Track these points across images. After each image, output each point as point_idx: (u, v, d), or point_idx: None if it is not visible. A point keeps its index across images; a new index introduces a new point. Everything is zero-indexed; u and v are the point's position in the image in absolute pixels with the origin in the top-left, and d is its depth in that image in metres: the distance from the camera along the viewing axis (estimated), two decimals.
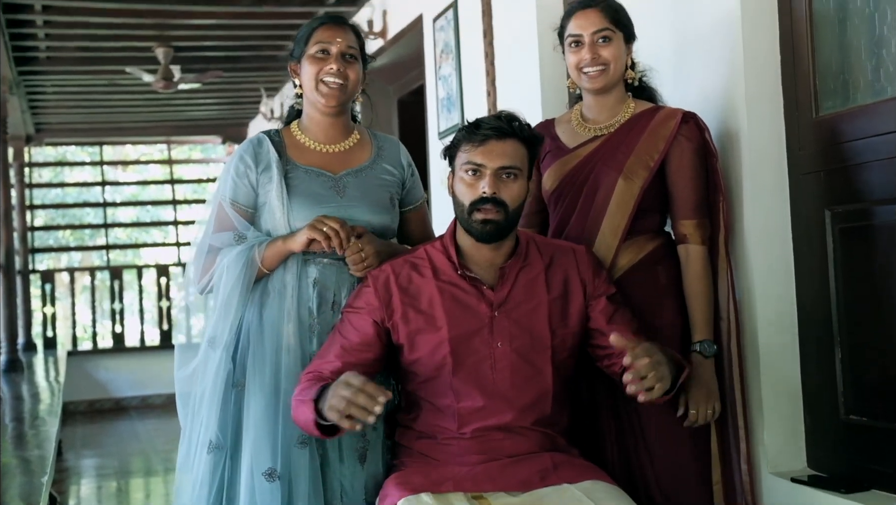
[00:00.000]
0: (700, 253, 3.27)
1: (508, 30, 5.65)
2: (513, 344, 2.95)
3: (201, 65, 9.94)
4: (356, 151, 3.28)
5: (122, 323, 12.79)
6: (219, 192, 3.18)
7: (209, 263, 3.13)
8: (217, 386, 3.08)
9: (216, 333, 3.09)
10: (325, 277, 3.13)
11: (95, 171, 15.04)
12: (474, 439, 2.92)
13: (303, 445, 3.01)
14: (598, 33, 3.30)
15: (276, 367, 3.06)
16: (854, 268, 3.31)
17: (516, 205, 2.92)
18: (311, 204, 3.11)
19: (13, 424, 6.63)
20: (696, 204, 3.29)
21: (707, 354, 3.21)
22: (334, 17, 3.28)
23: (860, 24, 3.28)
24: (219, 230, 3.15)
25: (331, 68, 3.15)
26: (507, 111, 2.98)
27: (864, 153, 3.23)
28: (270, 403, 3.03)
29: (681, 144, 3.29)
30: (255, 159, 3.16)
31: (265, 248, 3.07)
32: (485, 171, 2.89)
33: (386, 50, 7.97)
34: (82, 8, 7.87)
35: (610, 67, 3.32)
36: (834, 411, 3.39)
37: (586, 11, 3.34)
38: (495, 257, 2.99)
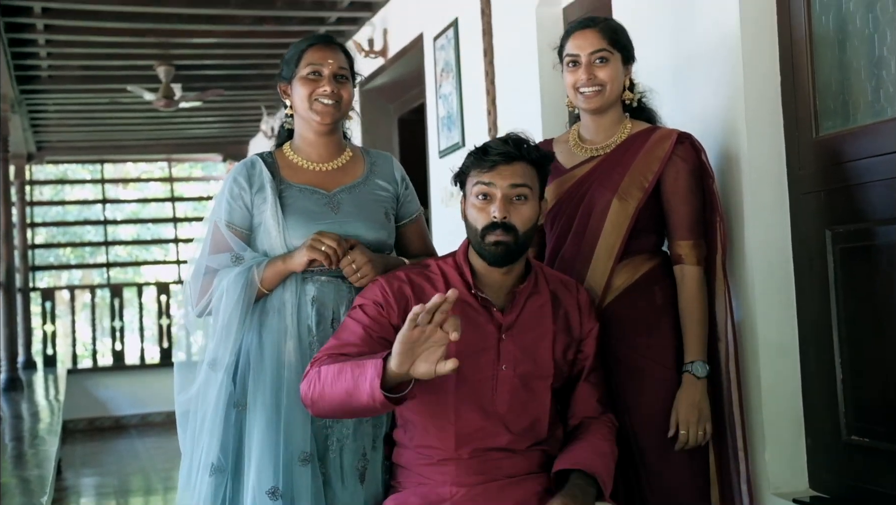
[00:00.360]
0: (695, 274, 3.26)
1: (509, 49, 5.67)
2: (516, 369, 2.94)
3: (202, 83, 9.95)
4: (349, 168, 3.29)
5: (123, 341, 12.77)
6: (214, 215, 3.20)
7: (206, 285, 3.13)
8: (218, 408, 3.08)
9: (217, 355, 3.08)
10: (323, 294, 3.12)
11: (96, 188, 15.04)
12: (472, 460, 2.91)
13: (304, 463, 3.00)
14: (596, 54, 3.30)
15: (277, 384, 3.06)
16: (855, 288, 3.31)
17: (527, 227, 2.92)
18: (306, 221, 3.12)
19: (13, 443, 6.62)
20: (691, 224, 3.28)
21: (699, 375, 3.19)
22: (324, 37, 3.28)
23: (860, 45, 3.28)
24: (215, 252, 3.16)
25: (324, 90, 3.17)
26: (514, 134, 2.97)
27: (864, 173, 3.23)
28: (272, 421, 3.02)
29: (676, 165, 3.28)
30: (249, 181, 3.17)
31: (264, 269, 3.07)
32: (495, 194, 2.89)
33: (386, 68, 7.99)
34: (84, 27, 7.89)
35: (606, 88, 3.31)
36: (835, 432, 3.39)
37: (584, 32, 3.34)
38: (506, 280, 2.98)
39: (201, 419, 3.10)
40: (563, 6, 5.27)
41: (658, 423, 3.20)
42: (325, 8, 7.84)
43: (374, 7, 7.86)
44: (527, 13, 5.36)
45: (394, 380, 2.59)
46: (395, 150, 8.92)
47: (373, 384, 2.59)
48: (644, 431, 3.21)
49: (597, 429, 3.01)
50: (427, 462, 2.94)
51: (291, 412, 3.01)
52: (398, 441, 3.04)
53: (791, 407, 3.53)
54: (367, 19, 8.03)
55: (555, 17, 5.29)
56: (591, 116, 3.40)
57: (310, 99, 3.17)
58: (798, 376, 3.53)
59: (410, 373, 2.56)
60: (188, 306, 3.22)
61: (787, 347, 3.53)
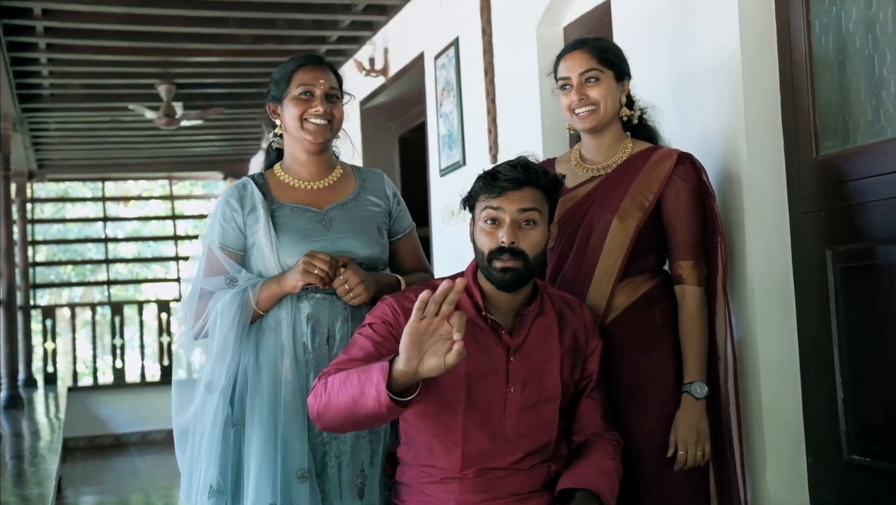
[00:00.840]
0: (696, 294, 3.26)
1: (509, 68, 5.68)
2: (524, 391, 2.94)
3: (203, 102, 9.97)
4: (340, 185, 3.30)
5: (123, 358, 12.73)
6: (207, 237, 3.21)
7: (202, 307, 3.14)
8: (216, 430, 3.08)
9: (213, 377, 3.09)
10: (318, 311, 3.14)
11: (97, 206, 15.03)
12: (477, 479, 2.90)
13: (302, 480, 3.00)
14: (585, 74, 3.32)
15: (273, 402, 3.06)
16: (855, 307, 3.32)
17: (536, 252, 2.91)
18: (300, 239, 3.13)
19: (13, 461, 6.60)
20: (692, 245, 3.28)
21: (698, 395, 3.18)
22: (313, 57, 3.28)
23: (860, 65, 3.30)
24: (210, 274, 3.17)
25: (317, 110, 3.17)
26: (523, 159, 2.97)
27: (864, 193, 3.24)
28: (269, 439, 3.03)
29: (676, 185, 3.28)
30: (241, 202, 3.18)
31: (259, 290, 3.09)
32: (503, 219, 2.89)
33: (387, 87, 8.00)
34: (86, 46, 7.91)
35: (600, 107, 3.32)
36: (836, 451, 3.39)
37: (573, 53, 3.36)
38: (513, 302, 2.97)
39: (199, 441, 3.10)
40: (563, 26, 5.29)
41: (658, 442, 3.19)
42: (326, 27, 7.86)
43: (375, 26, 7.88)
44: (527, 33, 5.38)
45: (401, 383, 2.56)
46: (396, 168, 8.93)
47: (379, 387, 2.56)
48: (644, 450, 3.21)
49: (601, 447, 3.01)
50: (430, 480, 2.94)
51: (289, 429, 3.02)
52: (402, 459, 3.04)
53: (792, 426, 3.53)
54: (368, 38, 8.04)
55: (555, 37, 5.31)
56: (590, 136, 3.40)
57: (301, 119, 3.18)
58: (799, 395, 3.54)
59: (419, 371, 2.52)
60: (184, 328, 3.23)
61: (787, 366, 3.53)
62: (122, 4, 7.03)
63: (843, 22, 3.34)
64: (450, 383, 2.87)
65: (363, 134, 8.77)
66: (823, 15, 3.41)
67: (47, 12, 7.02)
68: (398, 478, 3.06)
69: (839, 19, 3.36)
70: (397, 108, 8.51)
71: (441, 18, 6.71)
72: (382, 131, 8.90)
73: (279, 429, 3.03)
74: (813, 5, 3.44)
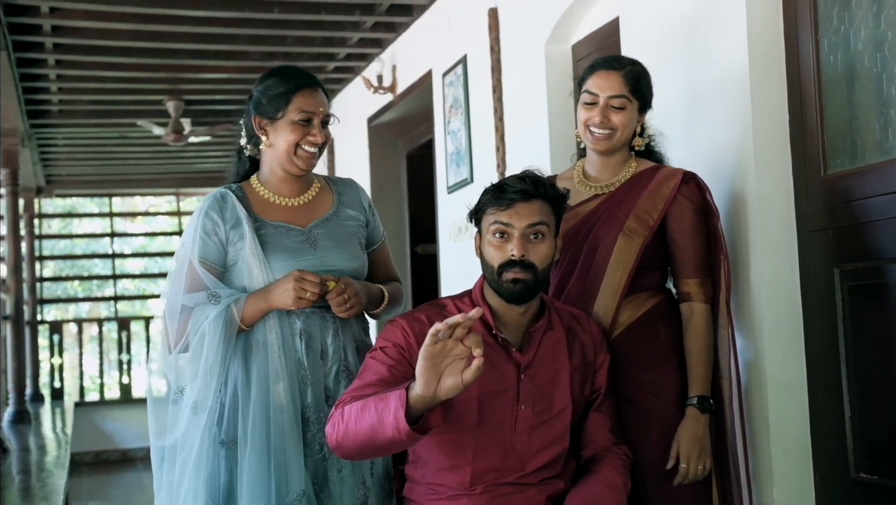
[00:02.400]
0: (703, 311, 3.26)
1: (517, 85, 5.69)
2: (535, 408, 2.94)
3: (211, 118, 9.98)
4: (319, 201, 3.27)
5: (130, 374, 12.74)
6: (186, 251, 3.13)
7: (183, 324, 3.07)
8: (203, 450, 3.04)
9: (199, 398, 3.05)
10: (309, 326, 3.12)
11: (104, 222, 15.05)
12: (484, 494, 2.90)
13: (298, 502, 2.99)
14: (614, 99, 3.30)
15: (265, 423, 3.03)
16: (863, 326, 3.32)
17: (545, 265, 2.92)
18: (288, 259, 3.10)
19: (20, 476, 6.61)
20: (697, 263, 3.28)
21: (703, 409, 3.19)
22: (311, 79, 3.21)
23: (868, 84, 3.31)
24: (190, 290, 3.10)
25: (315, 139, 3.14)
26: (530, 172, 2.97)
27: (872, 212, 3.25)
28: (262, 461, 3.00)
29: (681, 204, 3.28)
30: (222, 215, 3.12)
31: (244, 306, 3.04)
32: (512, 232, 2.89)
33: (395, 104, 8.01)
34: (94, 62, 7.92)
35: (617, 134, 3.32)
36: (843, 469, 3.39)
37: (609, 73, 3.33)
38: (522, 319, 2.97)
39: (183, 462, 3.05)
40: (571, 44, 5.30)
41: (661, 459, 3.18)
42: (335, 44, 7.88)
43: (383, 43, 7.89)
44: (536, 50, 5.39)
45: (419, 410, 2.56)
46: (404, 185, 8.93)
47: (397, 415, 2.56)
48: (647, 467, 3.20)
49: (610, 462, 3.01)
50: (438, 497, 2.94)
51: (284, 454, 3.00)
52: (409, 476, 3.04)
53: (799, 444, 3.53)
54: (376, 55, 8.06)
55: (564, 55, 5.32)
56: (597, 155, 3.40)
57: (296, 145, 3.13)
58: (806, 413, 3.54)
59: (437, 394, 2.52)
60: (163, 347, 3.16)
61: (795, 384, 3.54)
62: (131, 21, 7.04)
63: (852, 41, 3.35)
64: (461, 403, 2.86)
65: (370, 151, 8.78)
66: (832, 34, 3.42)
67: (56, 28, 7.03)
68: (406, 493, 3.06)
69: (847, 38, 3.37)
70: (405, 125, 8.52)
71: (449, 36, 6.73)
72: (390, 148, 8.90)
73: (271, 452, 3.00)
74: (821, 24, 3.45)
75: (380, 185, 8.73)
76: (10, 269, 9.54)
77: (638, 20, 4.29)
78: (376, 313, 3.30)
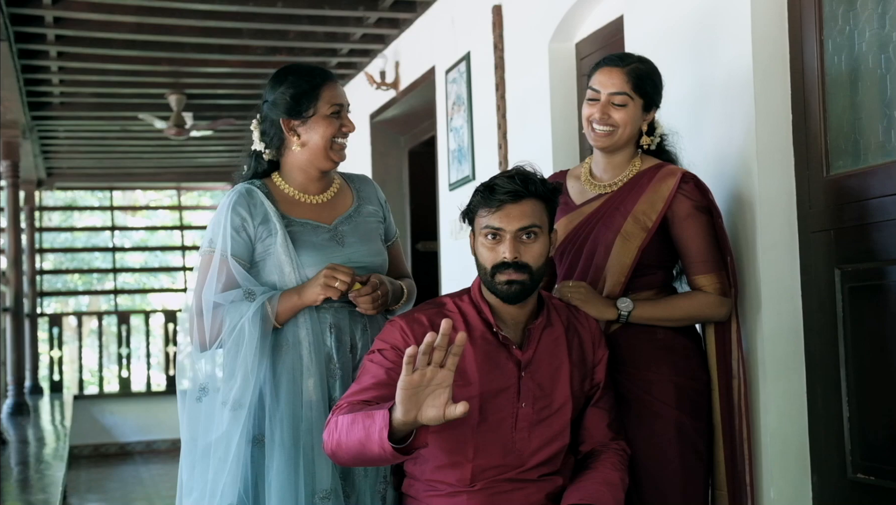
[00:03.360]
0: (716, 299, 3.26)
1: (520, 83, 5.69)
2: (535, 405, 2.94)
3: (213, 112, 9.98)
4: (340, 199, 3.27)
5: (129, 368, 12.73)
6: (216, 246, 3.11)
7: (216, 320, 3.06)
8: (240, 449, 3.02)
9: (238, 396, 3.02)
10: (339, 320, 3.12)
11: (105, 215, 15.06)
12: (484, 491, 2.90)
13: (325, 500, 2.99)
14: (615, 95, 3.28)
15: (294, 421, 3.03)
16: (863, 327, 3.32)
17: (539, 264, 2.90)
18: (319, 255, 3.10)
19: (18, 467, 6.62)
20: (706, 258, 3.26)
21: (619, 313, 3.20)
22: (331, 73, 3.23)
23: (872, 86, 3.30)
24: (222, 284, 3.08)
25: (348, 127, 3.15)
26: (521, 169, 2.95)
27: (874, 213, 3.25)
28: (291, 459, 3.00)
29: (682, 203, 3.26)
30: (250, 211, 3.11)
31: (277, 303, 3.04)
32: (504, 235, 2.87)
33: (398, 101, 8.02)
34: (97, 55, 7.92)
35: (618, 132, 3.29)
36: (842, 470, 3.39)
37: (611, 70, 3.32)
38: (520, 315, 2.97)
39: (219, 461, 3.03)
40: (575, 42, 5.30)
41: (656, 456, 3.18)
42: (338, 39, 7.87)
43: (386, 39, 7.89)
44: (539, 48, 5.39)
45: (403, 429, 2.58)
46: (405, 182, 8.94)
47: (381, 435, 2.58)
48: (643, 464, 3.18)
49: (607, 458, 3.00)
50: (438, 494, 2.94)
51: (313, 449, 2.99)
52: (409, 473, 3.03)
53: (797, 444, 3.53)
54: (379, 51, 8.06)
55: (567, 53, 5.32)
56: (601, 153, 3.39)
57: (331, 139, 3.13)
58: (805, 414, 3.54)
59: (419, 420, 2.54)
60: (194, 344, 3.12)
61: (794, 384, 3.53)
62: (134, 14, 7.04)
63: (856, 42, 3.35)
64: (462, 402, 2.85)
65: (373, 147, 8.78)
66: (837, 35, 3.42)
67: (59, 20, 7.03)
68: (405, 490, 3.05)
69: (852, 39, 3.36)
70: (407, 121, 8.53)
71: (453, 33, 6.73)
72: (392, 145, 8.91)
73: (300, 450, 3.00)
74: (826, 25, 3.45)
75: (382, 182, 8.62)
76: (10, 261, 9.57)
77: (642, 19, 4.29)
78: (394, 309, 3.29)
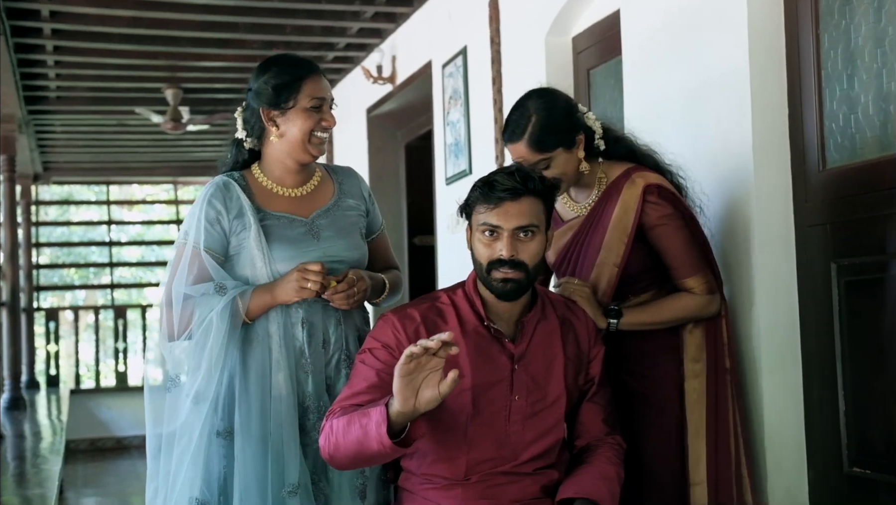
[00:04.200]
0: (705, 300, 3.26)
1: (518, 77, 5.67)
2: (529, 398, 2.93)
3: (210, 107, 9.96)
4: (320, 191, 3.25)
5: (126, 362, 12.73)
6: (189, 238, 3.09)
7: (185, 312, 3.05)
8: (202, 441, 3.02)
9: (202, 389, 3.03)
10: (311, 315, 3.10)
11: (101, 209, 15.04)
12: (479, 484, 2.90)
13: (292, 495, 2.98)
14: (533, 164, 3.20)
15: (263, 414, 3.02)
16: (860, 321, 3.32)
17: (535, 262, 2.89)
18: (291, 249, 3.08)
19: (15, 462, 6.61)
20: (687, 261, 3.25)
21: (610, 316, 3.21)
22: (315, 66, 3.19)
23: (868, 80, 3.30)
24: (193, 277, 3.07)
25: (328, 122, 3.13)
26: (520, 166, 2.96)
27: (871, 207, 3.26)
28: (259, 452, 2.99)
29: (650, 213, 3.23)
30: (225, 204, 3.08)
31: (249, 299, 3.02)
32: (502, 233, 2.86)
33: (394, 95, 8.00)
34: (93, 49, 7.90)
35: (563, 183, 3.25)
36: (837, 464, 3.40)
37: (513, 147, 3.29)
38: (513, 309, 2.96)
39: (181, 452, 3.03)
40: (572, 36, 5.29)
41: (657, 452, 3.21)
42: (335, 34, 7.86)
43: (383, 34, 7.88)
44: (536, 42, 5.38)
45: (400, 424, 2.62)
46: (402, 176, 8.93)
47: (379, 431, 2.62)
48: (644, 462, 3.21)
49: (603, 452, 2.99)
50: (433, 487, 2.94)
51: (283, 445, 2.99)
52: (405, 467, 3.02)
53: (793, 438, 3.53)
54: (375, 46, 8.04)
55: (564, 47, 5.31)
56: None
57: (310, 133, 3.11)
58: (801, 408, 3.54)
59: (416, 407, 2.57)
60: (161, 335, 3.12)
61: (790, 378, 3.54)
62: (130, 8, 7.02)
63: (853, 37, 3.35)
64: (455, 395, 2.84)
65: (369, 141, 8.77)
66: (833, 29, 3.42)
67: (55, 14, 7.01)
68: (401, 483, 3.05)
69: (848, 34, 3.37)
70: (404, 116, 8.51)
71: (449, 27, 6.72)
72: (389, 139, 8.89)
73: (269, 443, 3.00)
74: (822, 19, 3.45)
75: (378, 176, 8.72)
76: (6, 255, 9.55)
77: (639, 13, 4.28)
78: (377, 302, 3.29)
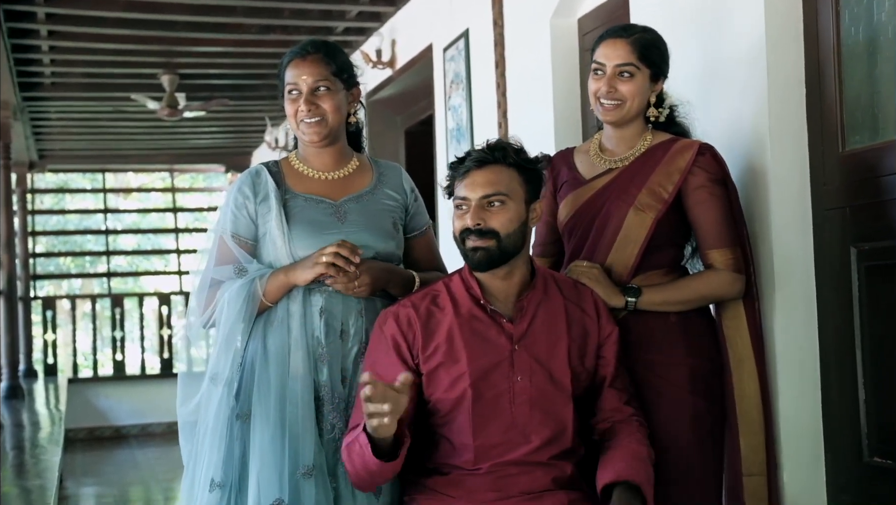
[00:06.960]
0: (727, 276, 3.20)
1: (521, 60, 5.63)
2: (532, 379, 2.90)
3: (207, 93, 9.96)
4: (356, 177, 3.23)
5: (123, 351, 12.83)
6: (219, 225, 3.17)
7: (211, 297, 3.10)
8: (219, 423, 3.04)
9: (217, 369, 3.06)
10: (331, 304, 3.08)
11: (97, 198, 15.06)
12: (489, 475, 2.87)
13: (307, 476, 2.95)
14: (621, 67, 3.22)
15: (281, 395, 3.01)
16: (880, 306, 3.26)
17: (510, 230, 2.88)
18: (312, 231, 3.08)
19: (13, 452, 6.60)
20: (719, 232, 3.20)
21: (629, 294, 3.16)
22: (301, 49, 3.16)
23: (890, 57, 3.23)
24: (220, 263, 3.13)
25: (301, 109, 3.10)
26: (498, 139, 2.97)
27: (891, 189, 3.19)
28: (276, 433, 2.97)
29: (698, 176, 3.20)
30: (254, 190, 3.13)
31: (267, 281, 3.03)
32: (469, 203, 2.89)
33: (394, 80, 7.98)
34: (88, 34, 7.87)
35: (626, 104, 3.24)
36: (857, 453, 3.34)
37: (615, 42, 3.25)
38: (509, 288, 2.95)
39: (202, 433, 3.07)
40: (578, 17, 5.23)
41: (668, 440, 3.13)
42: (333, 17, 7.83)
43: (382, 17, 7.84)
44: (541, 24, 5.32)
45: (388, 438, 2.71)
46: (402, 162, 8.90)
47: (368, 456, 2.73)
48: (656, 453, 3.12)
49: (630, 432, 2.95)
50: (443, 478, 2.92)
51: (298, 424, 2.97)
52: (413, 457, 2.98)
53: (811, 426, 3.48)
54: (375, 30, 8.01)
55: (570, 28, 5.25)
56: (612, 127, 3.33)
57: (295, 119, 3.13)
58: (819, 396, 3.49)
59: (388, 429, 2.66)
60: (191, 318, 3.19)
61: (807, 365, 3.48)
62: None
63: (875, 12, 3.27)
64: (454, 382, 2.89)
65: (369, 127, 8.67)
66: (854, 4, 3.34)
67: None
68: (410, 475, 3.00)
69: (870, 9, 3.29)
70: (404, 101, 8.50)
71: (451, 9, 6.67)
72: (389, 124, 8.89)
73: (286, 424, 2.98)
74: None
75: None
76: (2, 244, 9.59)
77: None
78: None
